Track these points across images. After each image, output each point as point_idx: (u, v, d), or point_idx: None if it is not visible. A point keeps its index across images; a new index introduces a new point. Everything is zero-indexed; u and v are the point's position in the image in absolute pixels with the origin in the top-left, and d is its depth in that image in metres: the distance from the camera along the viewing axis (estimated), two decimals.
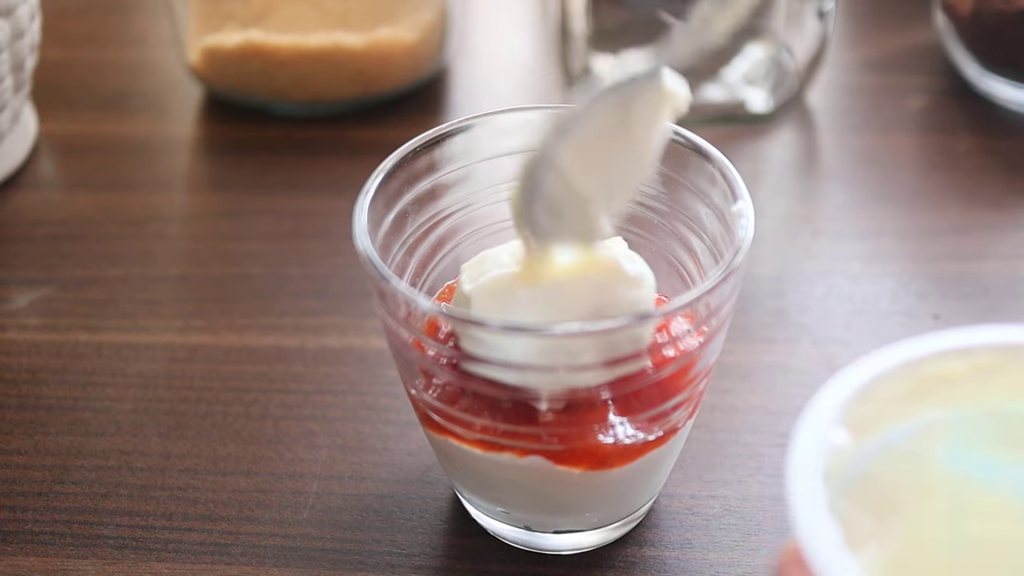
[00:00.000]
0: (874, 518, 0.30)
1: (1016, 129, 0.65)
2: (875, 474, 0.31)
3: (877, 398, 0.31)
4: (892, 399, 0.31)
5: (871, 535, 0.29)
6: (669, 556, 0.44)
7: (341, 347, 0.53)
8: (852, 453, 0.30)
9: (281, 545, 0.44)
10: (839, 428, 0.30)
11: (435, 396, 0.39)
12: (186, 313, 0.55)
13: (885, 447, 0.31)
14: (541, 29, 0.75)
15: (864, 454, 0.31)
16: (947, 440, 0.32)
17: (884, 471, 0.31)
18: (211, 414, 0.50)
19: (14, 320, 0.55)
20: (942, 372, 0.32)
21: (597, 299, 0.38)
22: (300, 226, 0.60)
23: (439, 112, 0.68)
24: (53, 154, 0.65)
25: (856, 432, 0.31)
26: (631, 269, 0.39)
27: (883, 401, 0.31)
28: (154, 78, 0.72)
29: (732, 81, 0.67)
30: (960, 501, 0.31)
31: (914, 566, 0.29)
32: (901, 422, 0.31)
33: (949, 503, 0.31)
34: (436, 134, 0.43)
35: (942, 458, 0.31)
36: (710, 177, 0.41)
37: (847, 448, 0.30)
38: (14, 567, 0.44)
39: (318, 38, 0.65)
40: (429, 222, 0.43)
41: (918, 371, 0.32)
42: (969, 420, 0.32)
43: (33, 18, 0.61)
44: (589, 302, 0.38)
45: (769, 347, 0.52)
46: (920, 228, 0.59)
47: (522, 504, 0.42)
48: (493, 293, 0.39)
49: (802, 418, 0.30)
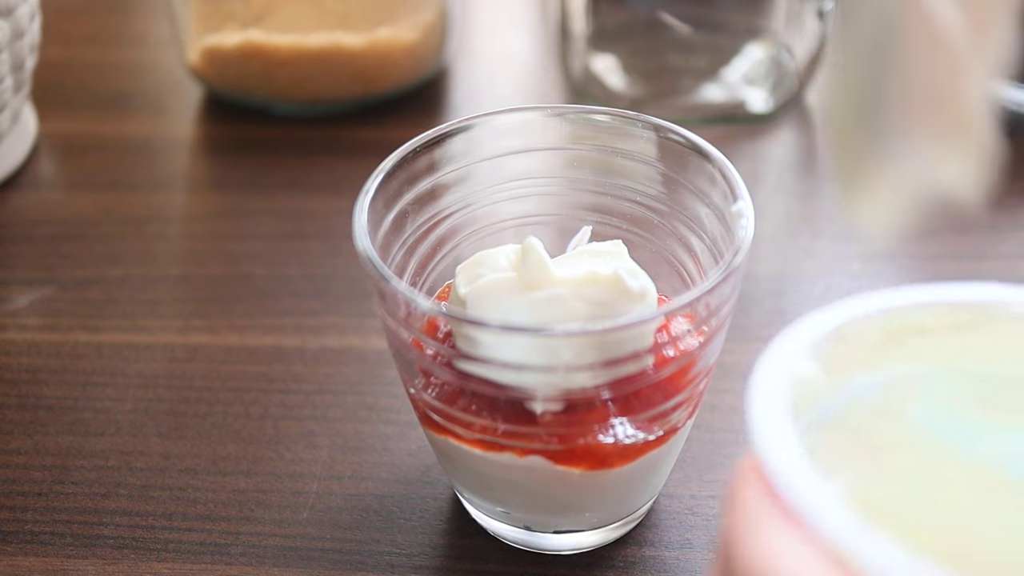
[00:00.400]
0: (839, 459, 0.28)
1: (1016, 129, 0.65)
2: (843, 422, 0.29)
3: (850, 341, 0.30)
4: (865, 345, 0.30)
5: (835, 472, 0.28)
6: (669, 556, 0.44)
7: (341, 347, 0.53)
8: (822, 393, 0.29)
9: (281, 545, 0.44)
10: (809, 361, 0.29)
11: (435, 396, 0.39)
12: (186, 313, 0.55)
13: (854, 398, 0.30)
14: (541, 29, 0.75)
15: (833, 400, 0.29)
16: (921, 398, 0.30)
17: (853, 421, 0.29)
18: (211, 414, 0.50)
19: (14, 320, 0.55)
20: (917, 324, 0.30)
21: (597, 313, 0.38)
22: (300, 226, 0.60)
23: (439, 112, 0.68)
24: (53, 154, 0.65)
25: (828, 371, 0.29)
26: (634, 285, 0.39)
27: (855, 346, 0.30)
28: (154, 78, 0.72)
29: (732, 81, 0.67)
30: (930, 463, 0.29)
31: (877, 515, 0.27)
32: (872, 371, 0.30)
33: (918, 462, 0.29)
34: (436, 134, 0.43)
35: (915, 415, 0.30)
36: (710, 177, 0.41)
37: (818, 384, 0.29)
38: (14, 567, 0.44)
39: (318, 38, 0.65)
40: (429, 222, 0.43)
41: (894, 320, 0.30)
42: (944, 378, 0.30)
43: (33, 18, 0.61)
44: (588, 315, 0.38)
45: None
46: (920, 228, 0.59)
47: (522, 504, 0.42)
48: (489, 297, 0.39)
49: (771, 345, 0.28)
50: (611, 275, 0.39)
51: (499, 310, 0.38)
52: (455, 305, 0.40)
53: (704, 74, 0.67)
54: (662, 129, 0.42)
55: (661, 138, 0.42)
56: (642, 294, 0.39)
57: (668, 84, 0.67)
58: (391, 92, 0.67)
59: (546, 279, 0.39)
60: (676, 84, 0.67)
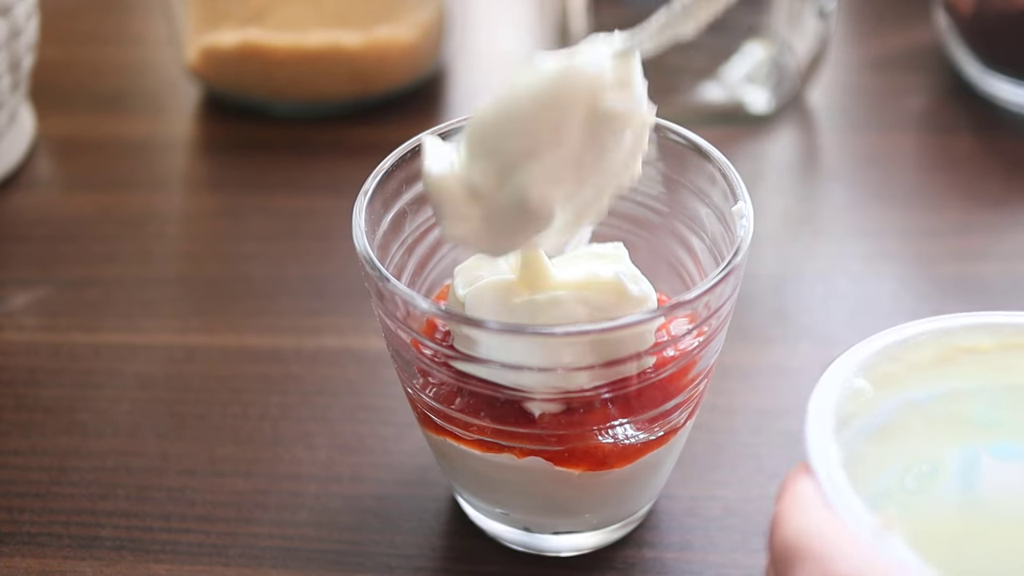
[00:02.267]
0: (881, 454, 0.34)
1: (1017, 129, 0.65)
2: (895, 425, 0.34)
3: (904, 360, 0.34)
4: (919, 363, 0.34)
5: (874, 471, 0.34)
6: (669, 557, 0.44)
7: (340, 348, 0.52)
8: (871, 402, 0.33)
9: (279, 546, 0.44)
10: (860, 379, 0.33)
11: (433, 396, 0.39)
12: (184, 313, 0.55)
13: (909, 403, 0.34)
14: (541, 29, 0.75)
15: (885, 407, 0.34)
16: (975, 406, 0.34)
17: (905, 423, 0.34)
18: (209, 415, 0.50)
19: (11, 321, 0.54)
20: (970, 344, 0.34)
21: (597, 316, 0.38)
22: (298, 226, 0.60)
23: (438, 112, 0.68)
24: (50, 154, 0.65)
25: (877, 385, 0.33)
26: (635, 289, 0.39)
27: (910, 364, 0.34)
28: (152, 78, 0.72)
29: (732, 81, 0.67)
30: (979, 465, 0.34)
31: (914, 514, 0.33)
32: (927, 384, 0.34)
33: (965, 463, 0.34)
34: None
35: (970, 417, 0.34)
36: (710, 177, 0.41)
37: (866, 395, 0.33)
38: (11, 569, 0.44)
39: (316, 37, 0.65)
40: (428, 222, 0.43)
41: (947, 341, 0.34)
42: (997, 393, 0.34)
43: (30, 17, 0.61)
44: (588, 319, 0.38)
45: (769, 347, 0.52)
46: (921, 228, 0.59)
47: (521, 505, 0.42)
48: (488, 299, 0.39)
49: (831, 366, 0.33)
50: (612, 279, 0.39)
51: (498, 313, 0.38)
52: (454, 306, 0.40)
53: (704, 73, 0.67)
54: (662, 129, 0.42)
55: (661, 138, 0.42)
56: (643, 299, 0.39)
57: (668, 83, 0.67)
58: (390, 92, 0.67)
59: (546, 282, 0.39)
60: (676, 83, 0.67)
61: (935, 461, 0.35)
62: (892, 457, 0.35)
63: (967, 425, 0.35)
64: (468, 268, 0.41)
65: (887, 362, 0.33)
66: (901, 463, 0.35)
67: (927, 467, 0.35)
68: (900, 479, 0.35)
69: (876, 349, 0.33)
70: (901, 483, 0.35)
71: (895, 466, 0.35)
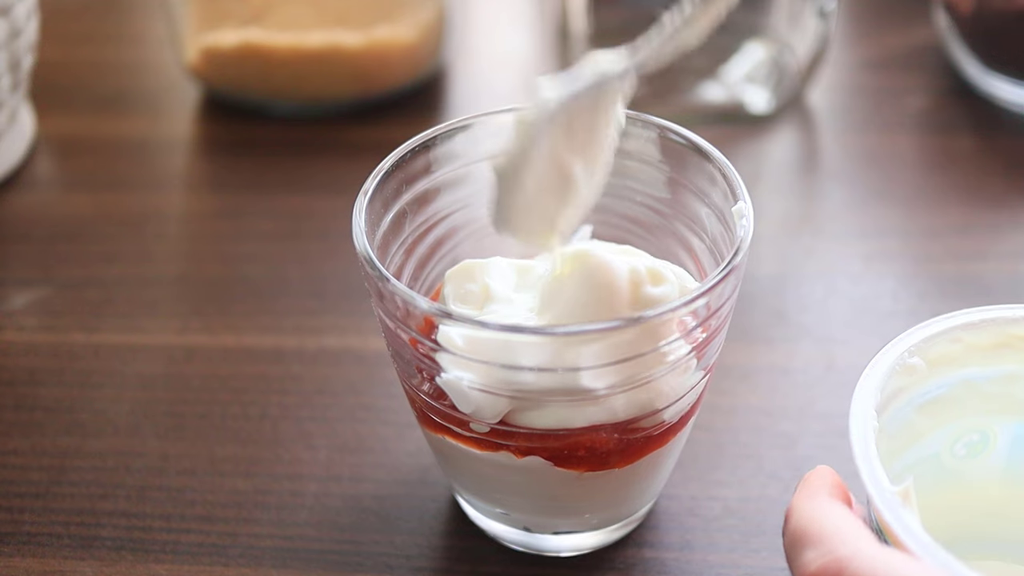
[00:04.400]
0: (932, 423, 0.37)
1: (1017, 129, 0.65)
2: (948, 398, 0.38)
3: (964, 342, 0.37)
4: (979, 346, 0.37)
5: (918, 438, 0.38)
6: (669, 557, 0.44)
7: (340, 348, 0.52)
8: (924, 378, 0.37)
9: (279, 546, 0.44)
10: (915, 358, 0.36)
11: (432, 395, 0.39)
12: (184, 313, 0.55)
13: (965, 380, 0.38)
14: (541, 29, 0.75)
15: (939, 383, 0.37)
16: None
17: (960, 397, 0.38)
18: (209, 415, 0.50)
19: (11, 321, 0.54)
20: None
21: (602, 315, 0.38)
22: (298, 226, 0.60)
23: (438, 112, 0.68)
24: (50, 154, 0.65)
25: (932, 364, 0.37)
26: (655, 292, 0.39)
27: (969, 345, 0.37)
28: (152, 78, 0.72)
29: (732, 81, 0.67)
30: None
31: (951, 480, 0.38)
32: (983, 366, 0.38)
33: (1015, 438, 0.38)
34: (434, 134, 0.43)
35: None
36: (710, 177, 0.41)
37: (920, 372, 0.36)
38: (11, 569, 0.44)
39: (316, 37, 0.65)
40: (427, 222, 0.43)
41: (1007, 329, 0.37)
42: None
43: (30, 17, 0.61)
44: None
45: (769, 347, 0.52)
46: (921, 228, 0.59)
47: (521, 505, 0.42)
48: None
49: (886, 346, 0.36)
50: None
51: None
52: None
53: (704, 73, 0.67)
54: (662, 129, 0.42)
55: (661, 138, 0.42)
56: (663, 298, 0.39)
57: (668, 83, 0.67)
58: (390, 92, 0.67)
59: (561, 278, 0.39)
60: (676, 83, 0.67)
61: (985, 431, 0.39)
62: (943, 426, 0.38)
63: (1021, 404, 0.38)
64: (458, 273, 0.41)
65: (947, 343, 0.37)
66: (953, 431, 0.38)
67: (977, 436, 0.39)
68: (951, 446, 0.39)
69: (935, 332, 0.37)
70: (951, 449, 0.39)
71: (945, 434, 0.38)
